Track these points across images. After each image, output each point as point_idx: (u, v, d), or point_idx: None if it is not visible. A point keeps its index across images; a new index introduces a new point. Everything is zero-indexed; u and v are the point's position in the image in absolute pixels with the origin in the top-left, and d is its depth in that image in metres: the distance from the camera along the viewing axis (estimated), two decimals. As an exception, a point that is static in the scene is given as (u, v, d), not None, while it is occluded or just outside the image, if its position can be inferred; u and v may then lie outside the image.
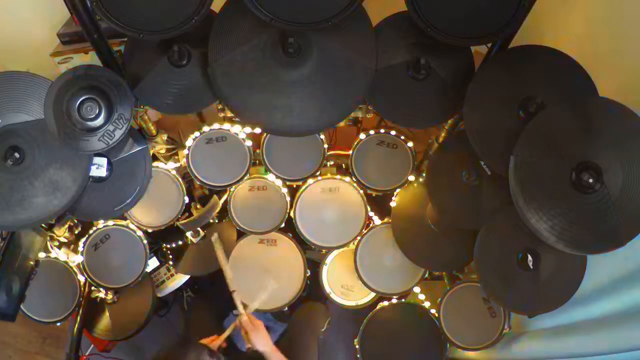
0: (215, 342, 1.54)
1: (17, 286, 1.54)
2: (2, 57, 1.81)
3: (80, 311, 1.78)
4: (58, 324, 1.72)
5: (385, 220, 1.83)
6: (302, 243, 1.92)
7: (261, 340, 1.54)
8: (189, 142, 1.68)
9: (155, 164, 1.68)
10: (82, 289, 1.76)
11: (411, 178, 1.74)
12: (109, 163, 1.41)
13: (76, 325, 1.78)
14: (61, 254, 1.71)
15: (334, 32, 1.29)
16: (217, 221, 2.03)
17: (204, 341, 1.54)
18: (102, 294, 1.92)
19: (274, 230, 1.88)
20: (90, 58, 1.71)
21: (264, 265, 1.96)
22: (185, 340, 1.78)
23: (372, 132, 1.71)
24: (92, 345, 2.10)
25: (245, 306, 1.64)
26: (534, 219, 1.14)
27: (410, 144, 1.70)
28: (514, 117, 1.25)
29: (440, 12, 1.17)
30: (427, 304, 1.82)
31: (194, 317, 2.07)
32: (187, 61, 1.36)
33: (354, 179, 1.78)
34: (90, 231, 1.74)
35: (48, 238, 1.69)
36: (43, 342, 2.40)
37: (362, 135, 1.72)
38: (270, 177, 1.80)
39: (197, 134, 1.67)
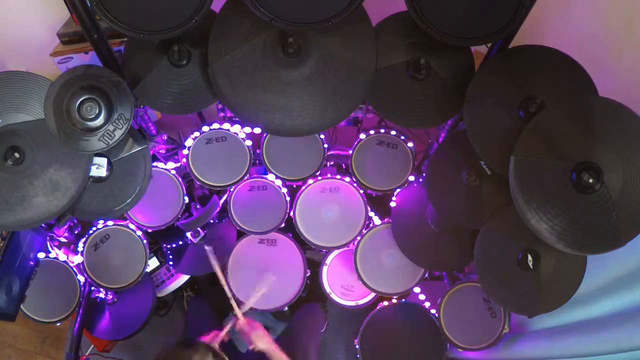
0: (217, 338, 1.54)
1: (17, 286, 1.54)
2: (2, 56, 1.81)
3: (80, 311, 1.78)
4: (58, 324, 1.72)
5: (386, 220, 1.83)
6: (302, 243, 1.92)
7: (262, 339, 1.54)
8: (189, 142, 1.68)
9: (155, 164, 1.69)
10: (82, 289, 1.76)
11: (411, 178, 1.73)
12: (109, 163, 1.41)
13: (76, 325, 1.78)
14: (61, 254, 1.71)
15: (334, 32, 1.29)
16: (217, 221, 2.03)
17: (206, 338, 1.54)
18: (102, 294, 1.92)
19: (274, 230, 1.88)
20: (90, 58, 1.71)
21: (264, 265, 1.96)
22: (187, 339, 1.77)
23: (372, 132, 1.71)
24: (92, 345, 2.10)
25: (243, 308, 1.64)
26: (534, 219, 1.13)
27: (410, 144, 1.70)
28: (514, 117, 1.25)
29: (440, 12, 1.17)
30: (427, 304, 1.82)
31: (194, 317, 2.07)
32: (187, 61, 1.36)
33: (354, 179, 1.78)
34: (90, 231, 1.74)
35: (48, 238, 1.69)
36: (43, 342, 2.40)
37: (362, 135, 1.72)
38: (270, 177, 1.80)
39: (197, 134, 1.67)
